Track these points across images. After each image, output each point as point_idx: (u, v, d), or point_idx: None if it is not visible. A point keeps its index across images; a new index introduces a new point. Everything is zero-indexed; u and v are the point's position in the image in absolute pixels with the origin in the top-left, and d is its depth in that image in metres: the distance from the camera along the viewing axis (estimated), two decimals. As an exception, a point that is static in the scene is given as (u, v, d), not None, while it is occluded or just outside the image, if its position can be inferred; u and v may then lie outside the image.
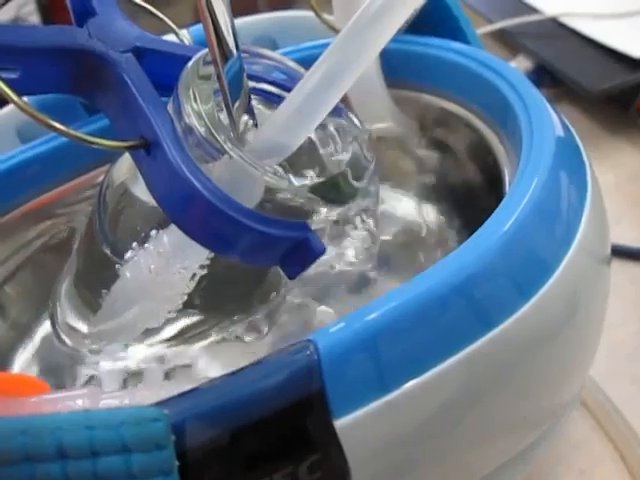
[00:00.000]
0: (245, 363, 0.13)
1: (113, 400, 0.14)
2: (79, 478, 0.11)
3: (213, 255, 0.16)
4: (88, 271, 0.20)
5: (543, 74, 0.40)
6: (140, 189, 0.18)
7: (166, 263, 0.16)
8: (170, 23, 0.19)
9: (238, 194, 0.15)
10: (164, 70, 0.16)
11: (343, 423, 0.13)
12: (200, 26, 0.15)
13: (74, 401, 0.14)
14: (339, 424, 0.13)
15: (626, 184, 0.34)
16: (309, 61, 0.16)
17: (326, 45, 0.15)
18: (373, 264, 0.19)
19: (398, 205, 0.23)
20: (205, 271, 0.17)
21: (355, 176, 0.17)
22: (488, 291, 0.14)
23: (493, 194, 0.20)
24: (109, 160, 0.19)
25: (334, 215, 0.17)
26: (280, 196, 0.15)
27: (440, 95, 0.22)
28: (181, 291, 0.17)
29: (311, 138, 0.17)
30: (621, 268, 0.30)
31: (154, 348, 0.19)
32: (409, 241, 0.23)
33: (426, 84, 0.22)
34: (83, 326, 0.20)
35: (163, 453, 0.11)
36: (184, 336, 0.19)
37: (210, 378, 0.13)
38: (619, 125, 0.38)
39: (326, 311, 0.20)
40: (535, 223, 0.15)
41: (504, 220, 0.15)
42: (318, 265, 0.16)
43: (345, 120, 0.18)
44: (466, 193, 0.22)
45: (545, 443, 0.18)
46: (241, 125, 0.16)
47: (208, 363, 0.20)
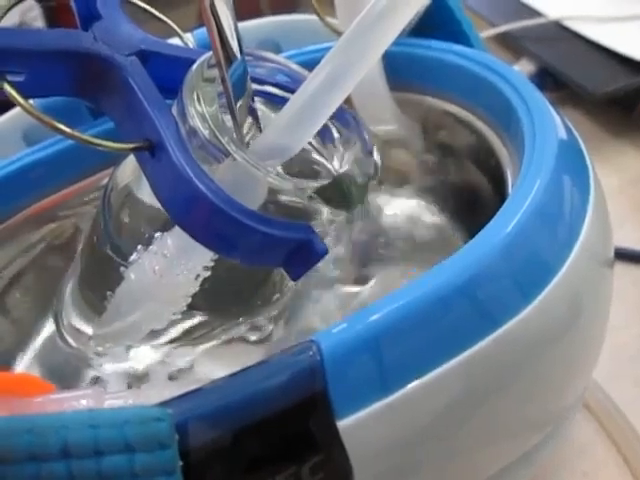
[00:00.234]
0: (249, 365, 0.13)
1: (117, 400, 0.14)
2: (83, 477, 0.11)
3: (217, 257, 0.16)
4: (92, 273, 0.20)
5: (546, 77, 0.40)
6: (144, 191, 0.18)
7: (170, 265, 0.16)
8: (174, 26, 0.20)
9: (241, 196, 0.15)
10: (168, 73, 0.16)
11: (346, 424, 0.13)
12: (204, 30, 0.15)
13: (78, 401, 0.14)
14: (342, 425, 0.13)
15: (629, 187, 0.34)
16: (312, 64, 0.16)
17: (329, 48, 0.15)
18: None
19: (401, 207, 0.23)
20: (209, 273, 0.17)
21: (358, 178, 0.17)
22: (491, 292, 0.14)
23: (496, 196, 0.20)
24: (113, 163, 0.19)
25: (339, 217, 0.17)
26: (283, 198, 0.15)
27: (443, 98, 0.22)
28: (185, 293, 0.17)
29: (314, 140, 0.17)
30: (624, 271, 0.29)
31: (158, 350, 0.20)
32: (412, 243, 0.23)
33: (429, 87, 0.22)
34: (88, 328, 0.20)
35: (166, 453, 0.11)
36: (188, 338, 0.19)
37: (214, 379, 0.13)
38: (622, 128, 0.38)
39: (328, 312, 0.20)
40: (537, 225, 0.15)
41: (506, 222, 0.15)
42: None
43: (348, 122, 0.18)
44: (469, 195, 0.22)
45: (549, 445, 0.18)
46: (245, 127, 0.16)
47: (212, 365, 0.20)
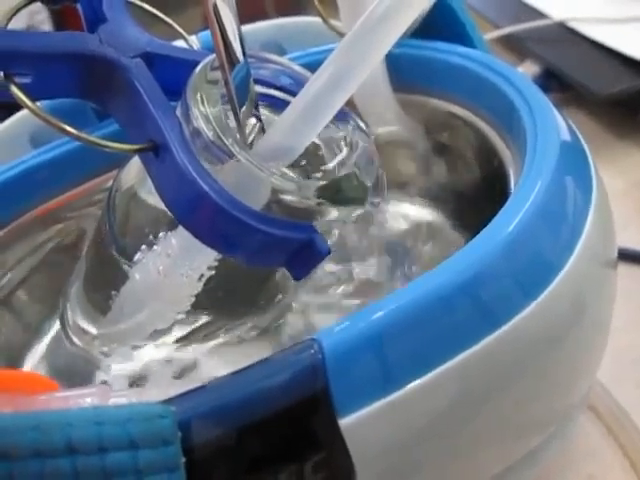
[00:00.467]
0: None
1: (121, 399, 0.14)
2: (87, 473, 0.11)
3: (220, 257, 0.17)
4: (97, 273, 0.20)
5: (550, 79, 0.40)
6: (148, 193, 0.18)
7: (174, 265, 0.17)
8: (179, 29, 0.20)
9: (245, 196, 0.15)
10: (173, 75, 0.16)
11: (348, 422, 0.13)
12: (209, 32, 0.15)
13: (83, 399, 0.14)
14: (344, 423, 0.13)
15: (634, 189, 0.34)
16: (315, 66, 0.16)
17: (332, 50, 0.15)
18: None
19: (404, 207, 0.23)
20: (212, 272, 0.17)
21: (361, 179, 0.17)
22: (493, 291, 0.14)
23: (499, 197, 0.20)
24: (117, 165, 0.19)
25: (340, 218, 0.17)
26: (286, 198, 0.15)
27: (446, 99, 0.22)
28: (189, 292, 0.17)
29: (317, 141, 0.17)
30: (628, 272, 0.29)
31: (162, 349, 0.20)
32: (415, 242, 0.23)
33: (432, 88, 0.22)
34: (92, 328, 0.20)
35: (169, 449, 0.12)
36: (192, 337, 0.19)
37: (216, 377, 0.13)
38: (627, 130, 0.38)
39: (330, 311, 0.20)
40: (539, 224, 0.15)
41: (508, 221, 0.15)
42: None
43: (351, 123, 0.18)
44: (472, 196, 0.22)
45: (553, 446, 0.18)
46: (248, 129, 0.16)
47: (216, 364, 0.20)
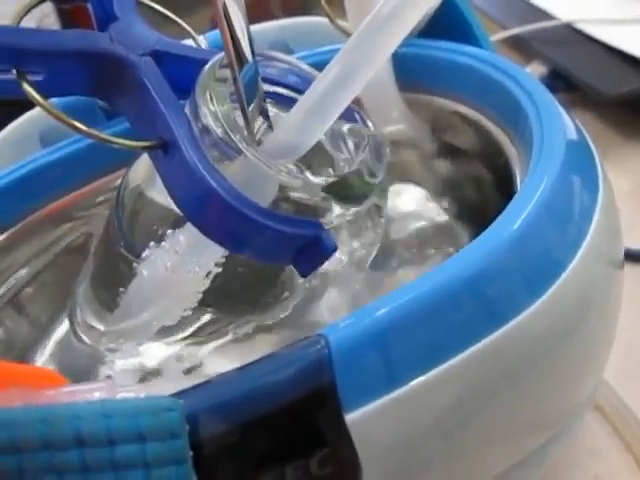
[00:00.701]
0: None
1: (129, 394, 0.14)
2: (96, 465, 0.11)
3: (227, 253, 0.17)
4: (106, 271, 0.20)
5: (558, 80, 0.40)
6: (156, 191, 0.18)
7: (182, 261, 0.17)
8: (188, 28, 0.20)
9: (252, 193, 0.15)
10: (182, 73, 0.17)
11: (353, 417, 0.13)
12: (216, 32, 0.15)
13: (92, 394, 0.14)
14: (350, 418, 0.13)
15: (640, 189, 0.34)
16: (322, 65, 0.16)
17: (339, 50, 0.15)
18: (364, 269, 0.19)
19: (410, 205, 0.24)
20: (220, 269, 0.17)
21: (368, 176, 0.17)
22: (498, 287, 0.14)
23: (505, 195, 0.20)
24: (125, 164, 0.20)
25: (349, 214, 0.17)
26: (294, 195, 0.16)
27: (452, 98, 0.22)
28: (196, 289, 0.17)
29: (324, 138, 0.17)
30: (635, 272, 0.29)
31: (170, 347, 0.20)
32: (421, 240, 0.23)
33: (438, 87, 0.22)
34: (100, 325, 0.20)
35: (177, 442, 0.12)
36: (199, 335, 0.19)
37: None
38: (634, 130, 0.38)
39: (335, 309, 0.20)
40: (545, 222, 0.15)
41: (514, 218, 0.15)
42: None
43: (358, 122, 0.18)
44: (478, 194, 0.22)
45: (558, 445, 0.18)
46: (256, 126, 0.16)
47: (223, 361, 0.20)
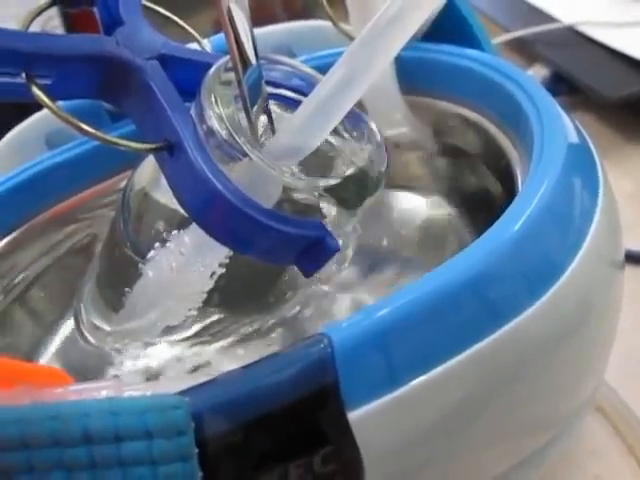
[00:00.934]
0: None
1: (135, 392, 0.15)
2: (104, 462, 0.11)
3: (232, 254, 0.17)
4: (111, 271, 0.21)
5: (560, 82, 0.40)
6: (161, 193, 0.18)
7: (187, 262, 0.17)
8: (193, 32, 0.20)
9: (257, 194, 0.15)
10: (187, 76, 0.17)
11: (356, 416, 0.13)
12: (220, 36, 0.16)
13: (99, 392, 0.14)
14: (352, 416, 0.13)
15: (641, 191, 0.34)
16: (325, 69, 0.16)
17: (342, 53, 0.16)
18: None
19: (412, 207, 0.24)
20: (224, 270, 0.17)
21: (369, 179, 0.17)
22: (498, 288, 0.14)
23: (506, 197, 0.20)
24: (131, 166, 0.20)
25: (348, 216, 0.17)
26: (297, 196, 0.16)
27: (454, 101, 0.22)
28: (201, 289, 0.18)
29: (327, 140, 0.18)
30: (635, 274, 0.29)
31: (174, 347, 0.20)
32: (422, 241, 0.23)
33: (440, 90, 0.22)
34: (106, 325, 0.20)
35: (183, 439, 0.12)
36: (204, 335, 0.20)
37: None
38: (636, 133, 0.38)
39: (339, 310, 0.20)
40: (545, 223, 0.15)
41: (515, 220, 0.15)
42: None
43: (361, 125, 0.18)
44: (479, 197, 0.23)
45: (558, 446, 0.18)
46: (260, 128, 0.17)
47: (227, 361, 0.20)
